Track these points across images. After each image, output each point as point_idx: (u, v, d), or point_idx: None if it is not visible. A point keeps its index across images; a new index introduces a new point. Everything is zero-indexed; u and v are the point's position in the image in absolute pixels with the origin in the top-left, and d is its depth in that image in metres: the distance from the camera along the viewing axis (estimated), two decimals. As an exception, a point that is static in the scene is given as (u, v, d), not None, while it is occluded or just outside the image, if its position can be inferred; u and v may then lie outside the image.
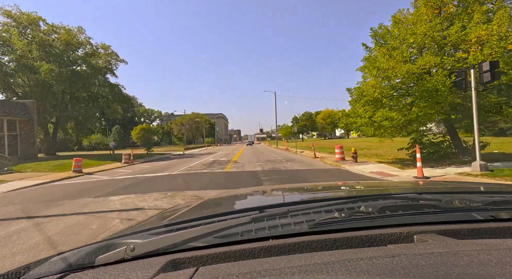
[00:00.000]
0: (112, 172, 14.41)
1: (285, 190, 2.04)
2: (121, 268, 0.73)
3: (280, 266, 0.62)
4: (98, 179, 11.45)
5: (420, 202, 1.05)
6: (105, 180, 11.04)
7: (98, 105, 30.40)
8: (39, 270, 0.76)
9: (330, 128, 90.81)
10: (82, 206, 6.07)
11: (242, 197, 1.88)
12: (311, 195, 1.68)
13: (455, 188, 1.60)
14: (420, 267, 0.56)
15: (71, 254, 0.81)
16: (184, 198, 6.57)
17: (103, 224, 4.46)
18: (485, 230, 0.84)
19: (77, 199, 7.03)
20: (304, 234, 0.84)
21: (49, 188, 9.58)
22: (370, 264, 0.59)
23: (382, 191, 1.61)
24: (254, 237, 0.84)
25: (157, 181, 10.17)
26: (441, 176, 8.11)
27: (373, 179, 8.76)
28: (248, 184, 8.47)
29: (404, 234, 0.82)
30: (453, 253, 0.62)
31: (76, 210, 5.67)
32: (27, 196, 7.94)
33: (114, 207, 5.89)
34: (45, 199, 7.38)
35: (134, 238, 0.87)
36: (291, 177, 9.58)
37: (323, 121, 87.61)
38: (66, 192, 8.39)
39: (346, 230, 0.86)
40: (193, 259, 0.74)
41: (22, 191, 9.00)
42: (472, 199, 1.03)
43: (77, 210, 5.67)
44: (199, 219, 0.98)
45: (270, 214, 0.96)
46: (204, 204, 1.63)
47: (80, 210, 5.70)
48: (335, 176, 9.67)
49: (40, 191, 8.85)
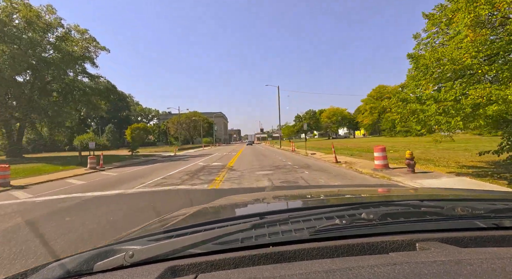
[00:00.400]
0: (57, 184, 10.40)
1: (286, 196, 2.09)
2: (119, 275, 0.72)
3: (280, 274, 0.62)
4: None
5: (422, 209, 1.02)
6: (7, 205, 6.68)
7: (74, 99, 25.98)
8: (36, 277, 0.76)
9: (336, 127, 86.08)
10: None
11: (242, 203, 1.86)
12: (312, 202, 1.66)
13: (458, 195, 1.56)
14: (422, 275, 0.55)
15: (69, 260, 0.80)
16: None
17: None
18: (488, 238, 0.83)
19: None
20: (305, 241, 0.83)
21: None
22: (372, 272, 0.58)
23: (383, 198, 1.61)
24: (254, 243, 0.83)
25: (82, 212, 5.78)
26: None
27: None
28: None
29: (406, 241, 0.81)
30: (456, 262, 0.61)
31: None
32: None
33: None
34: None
35: (133, 244, 0.86)
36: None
37: (327, 120, 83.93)
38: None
39: (347, 237, 0.85)
40: (192, 266, 0.74)
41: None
42: (475, 207, 1.01)
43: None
44: (198, 225, 0.97)
45: (271, 221, 0.95)
46: (204, 210, 1.63)
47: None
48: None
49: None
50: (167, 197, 6.91)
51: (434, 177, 7.64)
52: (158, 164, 17.47)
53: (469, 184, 6.37)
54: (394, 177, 7.94)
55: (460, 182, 6.71)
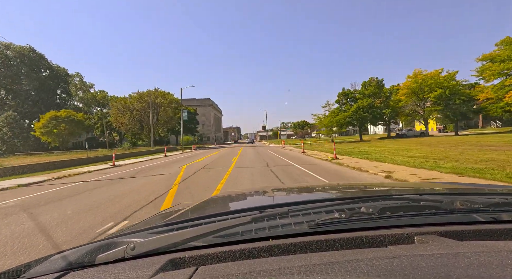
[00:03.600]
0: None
1: (285, 190, 2.10)
2: (121, 267, 0.72)
3: (279, 266, 0.63)
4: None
5: (421, 203, 1.03)
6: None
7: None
8: (39, 268, 0.76)
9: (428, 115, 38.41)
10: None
11: (242, 197, 1.86)
12: (312, 195, 1.67)
13: (456, 189, 1.57)
14: (420, 268, 0.56)
15: (72, 252, 0.80)
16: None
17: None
18: (486, 232, 0.83)
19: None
20: (304, 234, 0.83)
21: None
22: (370, 265, 0.59)
23: (383, 192, 1.61)
24: (254, 237, 0.84)
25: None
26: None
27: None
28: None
29: (405, 235, 0.81)
30: (453, 255, 0.62)
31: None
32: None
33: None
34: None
35: (134, 237, 0.87)
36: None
37: (408, 100, 37.96)
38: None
39: (346, 230, 0.85)
40: (193, 258, 0.74)
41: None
42: (474, 200, 1.02)
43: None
44: (199, 218, 0.98)
45: (271, 214, 0.95)
46: (205, 203, 1.62)
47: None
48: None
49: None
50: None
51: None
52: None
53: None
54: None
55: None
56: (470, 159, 9.72)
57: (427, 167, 8.51)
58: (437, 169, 8.01)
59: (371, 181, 7.32)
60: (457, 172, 7.22)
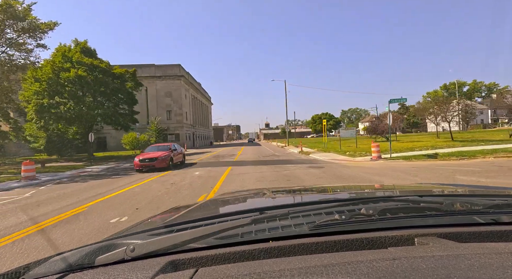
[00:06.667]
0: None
1: (285, 192, 2.09)
2: (120, 268, 0.72)
3: (279, 268, 0.63)
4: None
5: (421, 204, 1.02)
6: None
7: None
8: (38, 270, 0.76)
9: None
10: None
11: (242, 198, 1.84)
12: (312, 197, 1.67)
13: (457, 191, 1.57)
14: (420, 270, 0.56)
15: (71, 254, 0.81)
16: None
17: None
18: (486, 234, 0.83)
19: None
20: (304, 236, 0.83)
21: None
22: (370, 266, 0.59)
23: (383, 193, 1.61)
24: (254, 238, 0.84)
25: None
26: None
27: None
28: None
29: (405, 236, 0.81)
30: (454, 257, 0.62)
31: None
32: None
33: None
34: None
35: (134, 239, 0.87)
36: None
37: None
38: None
39: (346, 232, 0.85)
40: (192, 260, 0.74)
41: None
42: (474, 202, 1.03)
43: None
44: (199, 220, 0.98)
45: (270, 216, 0.95)
46: (205, 205, 1.62)
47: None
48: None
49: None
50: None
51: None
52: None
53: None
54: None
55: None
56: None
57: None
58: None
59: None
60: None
